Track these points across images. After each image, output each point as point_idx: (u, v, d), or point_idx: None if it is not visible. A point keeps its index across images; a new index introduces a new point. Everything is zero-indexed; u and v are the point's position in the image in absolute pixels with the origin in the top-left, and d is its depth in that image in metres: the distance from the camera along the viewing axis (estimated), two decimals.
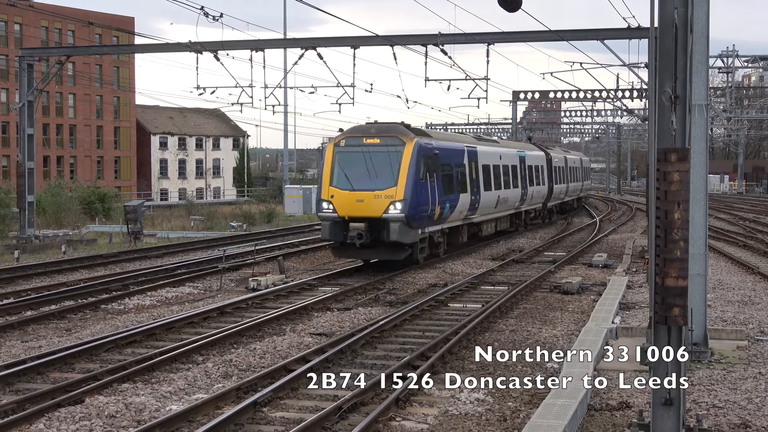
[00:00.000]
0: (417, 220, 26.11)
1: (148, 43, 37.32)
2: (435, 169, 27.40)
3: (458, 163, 30.82)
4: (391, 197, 25.54)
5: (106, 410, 11.82)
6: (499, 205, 36.35)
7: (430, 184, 26.92)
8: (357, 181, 26.06)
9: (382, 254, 26.41)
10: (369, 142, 26.43)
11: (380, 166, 26.06)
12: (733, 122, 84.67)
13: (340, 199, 26.02)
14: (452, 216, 29.56)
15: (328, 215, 26.12)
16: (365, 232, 25.49)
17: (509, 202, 38.27)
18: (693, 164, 10.93)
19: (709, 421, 10.88)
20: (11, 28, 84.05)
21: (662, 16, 8.83)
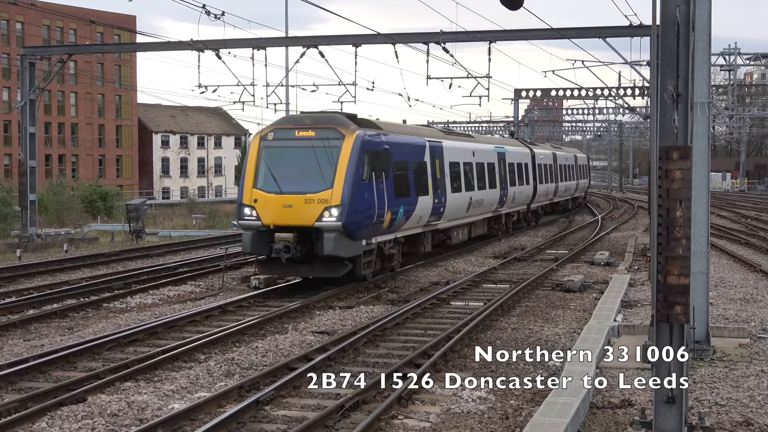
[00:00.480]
0: (359, 228, 21.86)
1: (150, 42, 37.36)
2: (384, 168, 23.19)
3: (417, 161, 26.42)
4: (326, 202, 21.34)
5: (108, 409, 11.83)
6: (473, 209, 32.04)
7: (378, 186, 22.70)
8: (286, 183, 21.92)
9: (315, 271, 22.14)
10: (302, 135, 22.22)
11: (314, 165, 21.90)
12: (735, 120, 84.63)
13: (265, 204, 21.78)
14: (409, 223, 25.30)
15: (250, 223, 21.87)
16: (294, 244, 21.29)
17: (485, 205, 33.89)
18: (695, 162, 10.93)
19: (711, 419, 10.88)
20: (13, 26, 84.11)
21: (664, 14, 8.83)
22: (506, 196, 36.95)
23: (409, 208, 24.94)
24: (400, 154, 24.74)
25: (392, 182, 23.75)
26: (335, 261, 21.72)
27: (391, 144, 24.05)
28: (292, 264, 21.69)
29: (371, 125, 23.88)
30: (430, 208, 26.78)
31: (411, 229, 25.87)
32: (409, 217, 24.98)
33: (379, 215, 22.69)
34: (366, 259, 22.81)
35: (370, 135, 22.76)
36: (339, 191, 21.38)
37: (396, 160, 24.22)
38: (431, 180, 27.09)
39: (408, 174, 25.30)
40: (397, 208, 24.01)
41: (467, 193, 31.04)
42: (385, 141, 23.69)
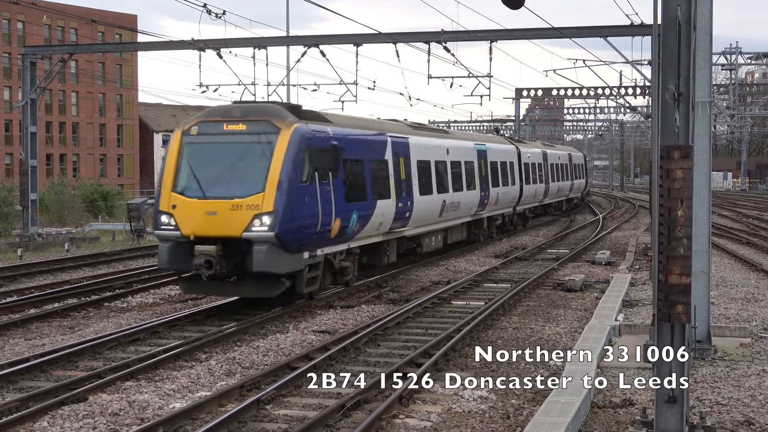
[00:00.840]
0: (297, 239, 18.75)
1: (151, 41, 37.37)
2: (332, 167, 20.12)
3: (375, 159, 23.16)
4: (256, 208, 18.22)
5: (109, 408, 11.84)
6: (447, 213, 28.80)
7: (322, 189, 19.55)
8: (210, 186, 18.78)
9: (245, 290, 19.19)
10: (231, 129, 19.20)
11: (244, 164, 18.93)
12: (736, 119, 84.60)
13: (185, 210, 18.60)
14: (366, 230, 22.15)
15: (168, 234, 18.66)
16: (218, 259, 18.14)
17: (463, 208, 30.76)
18: (696, 161, 10.94)
19: (712, 419, 10.88)
20: (14, 25, 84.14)
21: (665, 13, 8.82)
22: (488, 198, 33.80)
23: (364, 214, 21.81)
24: (354, 151, 21.58)
25: (342, 184, 20.60)
26: (268, 278, 18.69)
27: (342, 139, 20.88)
28: (216, 282, 18.68)
29: (316, 117, 20.87)
30: (392, 213, 23.66)
31: (369, 238, 22.80)
32: (365, 224, 21.89)
33: (325, 223, 19.57)
34: (310, 274, 19.71)
35: (314, 129, 19.69)
36: (272, 195, 18.27)
37: (348, 159, 21.07)
38: (394, 181, 23.96)
39: (363, 174, 22.15)
40: (349, 215, 20.81)
41: (440, 196, 27.92)
42: (334, 136, 20.50)
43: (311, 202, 19.15)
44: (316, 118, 20.72)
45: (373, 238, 23.15)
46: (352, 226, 21.11)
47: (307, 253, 19.31)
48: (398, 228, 24.53)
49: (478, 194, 32.44)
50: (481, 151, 33.87)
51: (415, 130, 27.81)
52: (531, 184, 41.90)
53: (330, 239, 20.15)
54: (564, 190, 52.32)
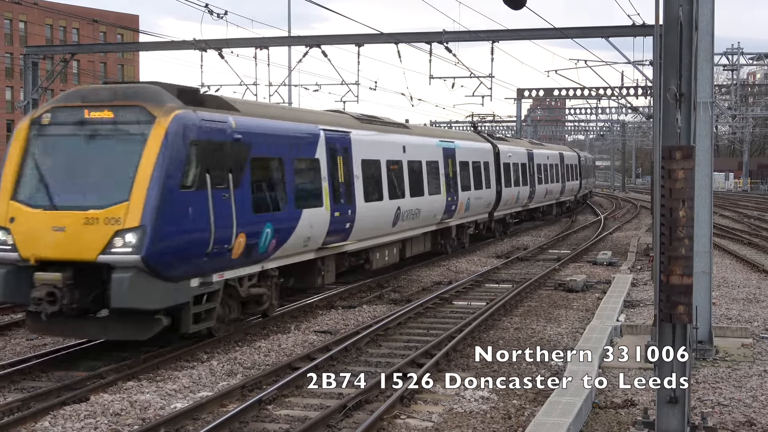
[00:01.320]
0: (177, 263, 14.46)
1: (153, 41, 37.37)
2: (233, 168, 15.64)
3: (301, 158, 18.61)
4: (117, 222, 13.88)
5: (111, 408, 11.85)
6: (403, 222, 24.57)
7: (217, 196, 15.08)
8: (60, 193, 14.44)
9: (106, 330, 14.71)
10: (94, 116, 14.71)
11: (106, 164, 14.48)
12: (738, 120, 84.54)
13: (26, 225, 14.30)
14: (287, 247, 17.77)
15: (3, 256, 14.40)
16: (65, 290, 13.91)
17: (424, 216, 26.42)
18: (698, 162, 10.93)
19: (714, 419, 10.87)
20: (16, 25, 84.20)
21: (667, 14, 8.83)
22: (456, 204, 29.45)
23: (283, 227, 17.51)
24: (268, 147, 17.22)
25: (249, 190, 16.24)
26: (135, 315, 14.29)
27: (250, 132, 16.31)
28: (65, 320, 14.28)
29: (215, 103, 16.31)
30: (326, 224, 19.42)
31: (294, 256, 18.46)
32: (285, 239, 17.59)
33: (221, 240, 15.13)
34: (201, 307, 15.22)
35: (205, 117, 15.10)
36: (139, 205, 13.87)
37: (259, 157, 16.68)
38: (329, 185, 19.67)
39: (282, 177, 17.69)
40: (259, 228, 16.51)
41: (393, 202, 23.65)
42: (239, 128, 15.94)
43: (198, 213, 14.70)
44: (215, 105, 16.19)
45: (299, 256, 18.75)
46: (264, 242, 16.77)
47: (196, 280, 14.91)
48: (336, 242, 20.24)
49: (443, 199, 28.10)
50: (449, 150, 29.49)
51: (361, 123, 23.20)
52: (512, 187, 37.68)
53: (231, 260, 15.77)
54: (554, 192, 48.21)
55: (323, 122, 20.41)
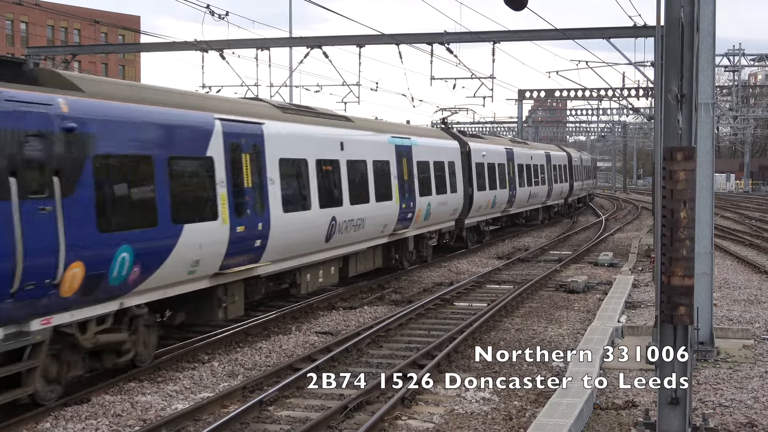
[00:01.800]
0: None
1: (154, 42, 37.38)
2: (61, 168, 11.64)
3: (183, 157, 14.41)
4: None
5: (112, 409, 11.85)
6: (342, 235, 20.32)
7: (28, 210, 11.05)
8: None
9: None
10: None
11: None
12: (739, 121, 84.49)
13: None
14: (161, 274, 13.65)
15: None
16: None
17: (370, 227, 22.17)
18: (699, 163, 10.93)
19: (715, 420, 10.87)
20: (17, 26, 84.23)
21: (668, 15, 8.82)
22: (412, 211, 25.01)
23: (152, 249, 13.33)
24: (125, 141, 12.92)
25: (92, 199, 12.06)
26: None
27: (93, 120, 12.20)
28: None
29: (44, 79, 12.31)
30: (224, 242, 15.23)
31: (176, 286, 14.39)
32: (155, 264, 13.43)
33: (38, 272, 11.12)
34: (11, 368, 11.27)
35: (11, 97, 10.97)
36: None
37: (107, 154, 12.48)
38: (228, 191, 15.40)
39: (149, 182, 13.46)
40: (109, 252, 12.37)
41: (326, 211, 19.42)
42: (71, 113, 11.82)
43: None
44: (47, 82, 12.25)
45: (185, 285, 14.63)
46: (120, 271, 12.60)
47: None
48: (242, 265, 16.05)
49: (395, 206, 23.68)
50: (403, 147, 24.97)
51: (282, 113, 18.60)
52: (486, 191, 33.24)
53: (62, 299, 11.65)
54: (539, 196, 43.88)
55: (221, 110, 15.85)
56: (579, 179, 57.00)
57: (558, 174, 48.72)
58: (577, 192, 57.15)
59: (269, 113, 17.90)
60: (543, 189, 44.55)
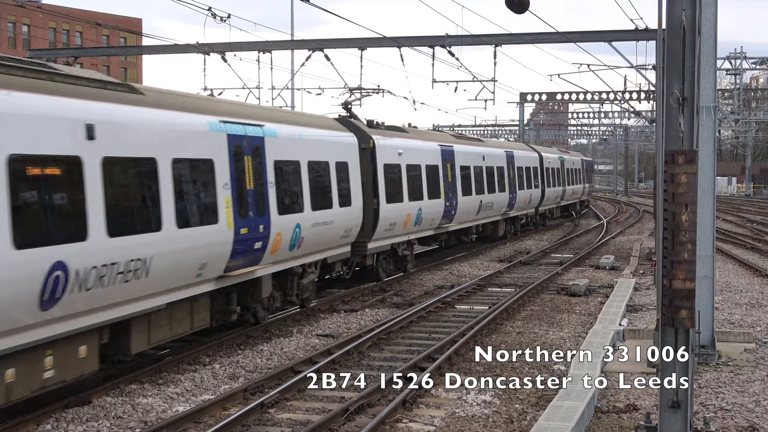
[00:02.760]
0: None
1: (156, 45, 37.44)
2: None
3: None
4: None
5: (113, 411, 11.85)
6: (106, 289, 11.83)
7: None
8: None
9: None
10: None
11: None
12: (741, 124, 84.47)
13: None
14: None
15: None
16: None
17: (158, 271, 13.14)
18: (700, 166, 10.92)
19: (716, 424, 10.86)
20: (19, 29, 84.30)
21: (670, 18, 8.82)
22: (264, 239, 16.53)
23: None
24: None
25: None
26: None
27: None
28: None
29: None
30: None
31: None
32: None
33: None
34: None
35: None
36: None
37: None
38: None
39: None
40: None
41: (40, 252, 10.73)
42: None
43: None
44: None
45: None
46: None
47: None
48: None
49: (229, 233, 15.28)
50: (241, 139, 16.09)
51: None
52: (403, 202, 24.87)
53: None
54: (497, 206, 35.78)
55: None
56: (558, 184, 49.14)
57: (523, 179, 39.99)
58: (554, 199, 48.27)
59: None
60: (502, 197, 36.49)
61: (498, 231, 37.43)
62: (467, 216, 31.44)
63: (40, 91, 11.29)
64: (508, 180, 37.42)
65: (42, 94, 11.29)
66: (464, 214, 30.77)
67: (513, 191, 37.84)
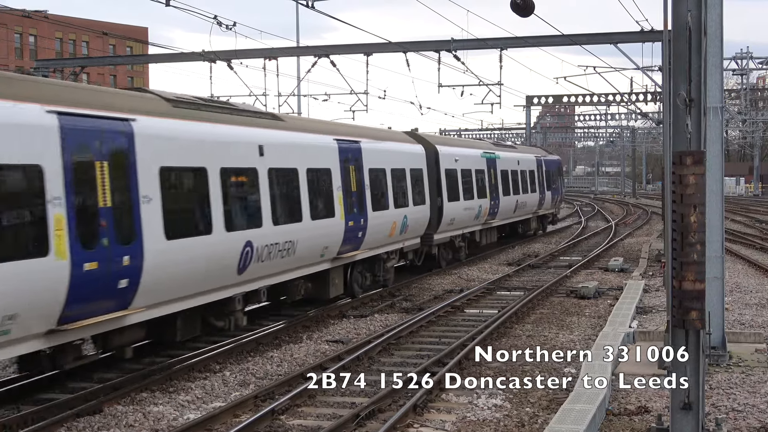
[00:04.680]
0: None
1: (162, 53, 37.51)
2: None
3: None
4: None
5: (124, 419, 11.87)
6: None
7: None
8: None
9: None
10: None
11: None
12: (748, 124, 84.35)
13: None
14: None
15: None
16: None
17: None
18: (708, 167, 10.91)
19: (728, 425, 10.83)
20: (26, 39, 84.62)
21: (676, 19, 8.82)
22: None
23: None
24: None
25: None
26: None
27: None
28: None
29: None
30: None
31: None
32: None
33: None
34: None
35: None
36: None
37: None
38: None
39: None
40: None
41: None
42: None
43: None
44: None
45: None
46: None
47: None
48: None
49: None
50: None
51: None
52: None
53: None
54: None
55: None
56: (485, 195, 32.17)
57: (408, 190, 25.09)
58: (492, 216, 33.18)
59: None
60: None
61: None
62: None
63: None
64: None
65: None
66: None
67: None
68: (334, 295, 20.56)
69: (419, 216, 25.05)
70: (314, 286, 19.79)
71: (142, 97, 14.62)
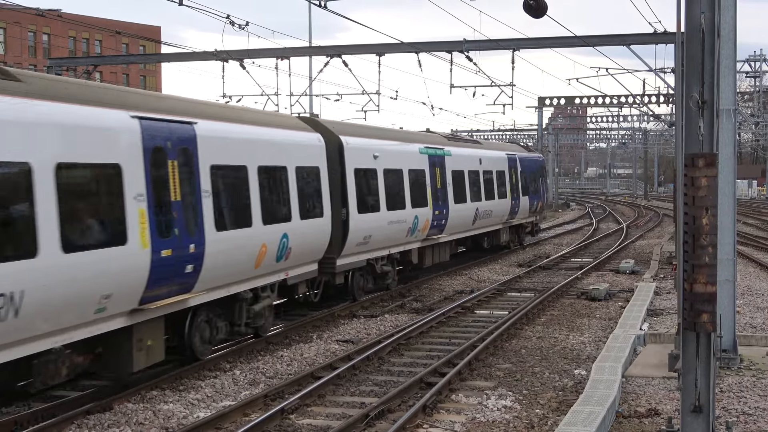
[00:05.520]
0: None
1: (175, 52, 37.57)
2: None
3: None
4: None
5: (134, 417, 11.90)
6: None
7: None
8: None
9: None
10: None
11: None
12: (761, 127, 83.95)
13: None
14: None
15: None
16: None
17: None
18: (721, 169, 10.87)
19: (739, 429, 10.79)
20: (40, 38, 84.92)
21: (689, 21, 8.79)
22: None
23: None
24: None
25: None
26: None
27: None
28: None
29: None
30: None
31: None
32: None
33: None
34: None
35: None
36: None
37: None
38: None
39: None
40: None
41: None
42: None
43: None
44: None
45: None
46: None
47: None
48: None
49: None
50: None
51: None
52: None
53: None
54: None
55: None
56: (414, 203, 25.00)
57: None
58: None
59: None
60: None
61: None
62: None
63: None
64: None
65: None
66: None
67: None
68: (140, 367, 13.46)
69: (311, 233, 18.54)
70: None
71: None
